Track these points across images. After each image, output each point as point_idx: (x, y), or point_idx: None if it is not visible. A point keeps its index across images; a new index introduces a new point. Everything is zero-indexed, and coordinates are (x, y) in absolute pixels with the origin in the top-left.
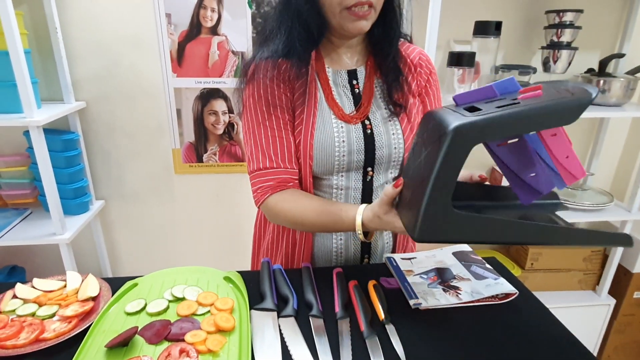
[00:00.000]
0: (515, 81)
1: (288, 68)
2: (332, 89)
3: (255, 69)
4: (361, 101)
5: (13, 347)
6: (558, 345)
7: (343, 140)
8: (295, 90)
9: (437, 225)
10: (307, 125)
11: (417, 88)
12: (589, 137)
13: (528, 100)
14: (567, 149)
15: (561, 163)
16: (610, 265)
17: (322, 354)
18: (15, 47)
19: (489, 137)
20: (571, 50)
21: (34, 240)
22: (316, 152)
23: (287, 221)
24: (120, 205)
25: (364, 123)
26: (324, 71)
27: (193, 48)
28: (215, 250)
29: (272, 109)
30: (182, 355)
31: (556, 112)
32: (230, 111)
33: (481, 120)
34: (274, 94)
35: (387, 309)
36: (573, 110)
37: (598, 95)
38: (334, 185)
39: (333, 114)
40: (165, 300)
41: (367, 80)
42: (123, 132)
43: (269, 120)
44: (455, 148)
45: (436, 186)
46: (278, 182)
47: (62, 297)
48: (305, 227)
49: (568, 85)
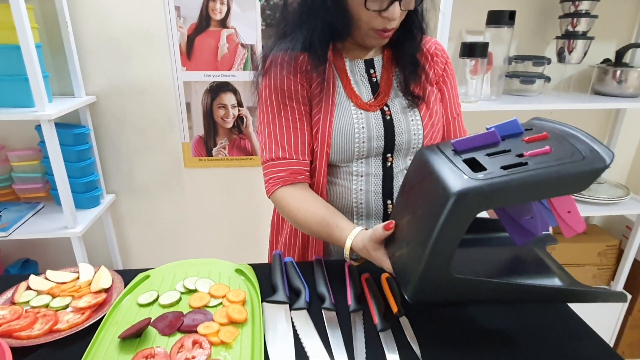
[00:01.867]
0: (518, 123)
1: (305, 60)
2: (350, 79)
3: (272, 61)
4: (379, 90)
5: (27, 338)
6: (575, 338)
7: (363, 126)
8: (313, 81)
9: (433, 288)
10: (325, 114)
11: (435, 77)
12: (604, 128)
13: (536, 158)
14: (569, 204)
15: (562, 218)
16: (625, 260)
17: (335, 346)
18: (27, 41)
19: (495, 205)
20: (587, 40)
21: (46, 234)
22: (335, 140)
23: (290, 219)
24: (131, 199)
25: (382, 110)
26: (341, 61)
27: (202, 41)
28: (225, 244)
29: (288, 100)
30: (195, 346)
31: (567, 180)
32: (240, 105)
33: (487, 185)
34: (290, 85)
35: (400, 301)
36: (584, 180)
37: (617, 88)
38: (354, 172)
39: (352, 103)
40: (178, 292)
41: (384, 71)
42: (133, 125)
43: (284, 112)
44: (457, 214)
45: (435, 252)
46: (290, 174)
47: (75, 288)
48: (304, 230)
49: (577, 135)
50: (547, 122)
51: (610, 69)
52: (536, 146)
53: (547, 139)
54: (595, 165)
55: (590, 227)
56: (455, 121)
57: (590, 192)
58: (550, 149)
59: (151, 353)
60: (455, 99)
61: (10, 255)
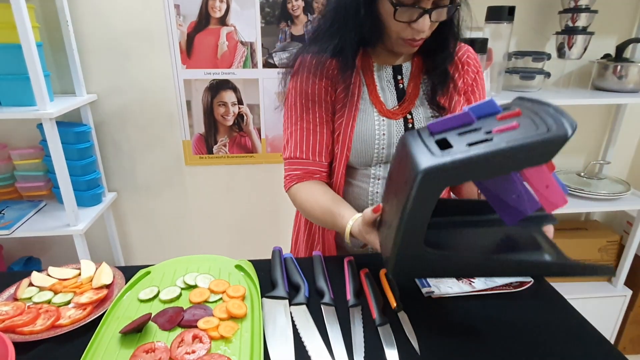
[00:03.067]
0: (495, 103)
1: (333, 65)
2: (376, 85)
3: (301, 62)
4: (405, 97)
5: (30, 333)
6: (574, 333)
7: (383, 133)
8: (339, 86)
9: (411, 265)
10: (348, 118)
11: (464, 86)
12: (605, 124)
13: (502, 134)
14: (546, 178)
15: (542, 193)
16: (626, 256)
17: (334, 341)
18: (28, 40)
19: (460, 180)
20: (587, 35)
21: (48, 232)
22: (355, 144)
23: (301, 211)
24: (132, 197)
25: (405, 118)
26: (370, 66)
27: (202, 39)
28: (226, 240)
29: (312, 104)
30: (195, 341)
31: (529, 152)
32: (240, 102)
33: (450, 162)
34: (314, 89)
35: (399, 297)
36: (546, 151)
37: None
38: (372, 175)
39: (375, 110)
40: (178, 288)
41: (412, 78)
42: (134, 124)
43: (307, 115)
44: (424, 190)
45: (407, 231)
46: (305, 172)
47: (77, 285)
48: (314, 221)
49: (550, 111)
50: (528, 100)
51: (611, 64)
52: (507, 123)
53: (519, 115)
54: (557, 135)
55: (590, 222)
56: None
57: (590, 187)
58: (518, 124)
59: (152, 347)
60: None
61: (14, 253)
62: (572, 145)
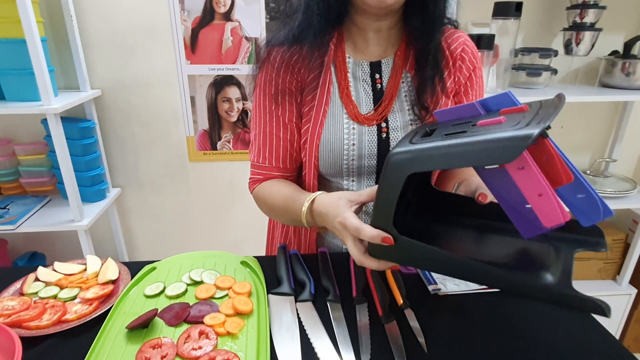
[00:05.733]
0: (510, 97)
1: (301, 56)
2: (349, 83)
3: (267, 54)
4: (382, 99)
5: (36, 328)
6: (580, 330)
7: (353, 143)
8: (307, 84)
9: (383, 248)
10: (314, 124)
11: (455, 86)
12: (611, 121)
13: (483, 128)
14: (538, 185)
15: (534, 201)
16: (631, 254)
17: (340, 338)
18: (32, 35)
19: (422, 167)
20: (595, 31)
21: (53, 227)
22: (322, 154)
23: (265, 209)
24: (137, 192)
25: (379, 126)
26: (343, 61)
27: (206, 34)
28: (230, 237)
29: (276, 104)
30: (202, 337)
31: (489, 148)
32: (244, 98)
33: (415, 149)
34: (284, 84)
35: (405, 294)
36: (505, 150)
37: (625, 80)
38: (345, 189)
39: (346, 113)
40: (184, 284)
41: (393, 74)
42: (138, 120)
43: (270, 117)
44: (391, 176)
45: (378, 212)
46: (267, 178)
47: (83, 280)
48: (277, 218)
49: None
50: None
51: (619, 60)
52: (495, 117)
53: (524, 111)
54: (518, 135)
55: None
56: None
57: (596, 185)
58: (505, 119)
59: (158, 343)
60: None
61: (19, 248)
62: (579, 143)
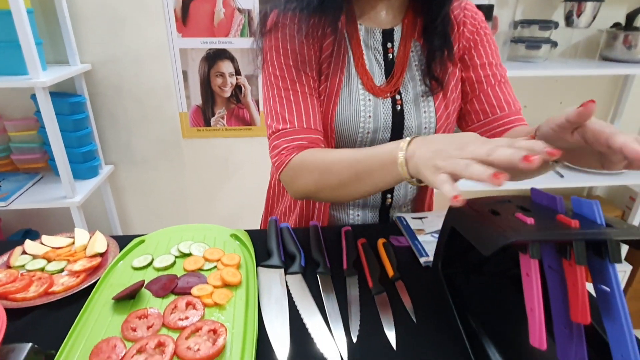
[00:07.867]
0: (595, 210)
1: (316, 23)
2: (363, 53)
3: (277, 19)
4: (393, 70)
5: (23, 300)
6: None
7: (369, 115)
8: (323, 51)
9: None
10: (330, 94)
11: (460, 51)
12: (611, 96)
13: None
14: (530, 299)
15: (528, 312)
16: None
17: (329, 309)
18: (18, 5)
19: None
20: (597, 2)
21: (45, 204)
22: (338, 125)
23: (311, 175)
24: (130, 169)
25: (394, 99)
26: (355, 29)
27: (198, 6)
28: (224, 213)
29: (301, 64)
30: (189, 307)
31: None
32: (238, 73)
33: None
34: (302, 49)
35: (396, 266)
36: (487, 245)
37: (627, 53)
38: None
39: (361, 83)
40: (172, 256)
41: (402, 43)
42: (130, 95)
43: (298, 77)
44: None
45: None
46: (309, 142)
47: (71, 253)
48: (335, 176)
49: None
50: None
51: (620, 33)
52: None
53: (575, 227)
54: (485, 243)
55: (593, 197)
56: (496, 87)
57: None
58: (533, 221)
59: (144, 314)
60: (495, 59)
61: (12, 226)
62: None
